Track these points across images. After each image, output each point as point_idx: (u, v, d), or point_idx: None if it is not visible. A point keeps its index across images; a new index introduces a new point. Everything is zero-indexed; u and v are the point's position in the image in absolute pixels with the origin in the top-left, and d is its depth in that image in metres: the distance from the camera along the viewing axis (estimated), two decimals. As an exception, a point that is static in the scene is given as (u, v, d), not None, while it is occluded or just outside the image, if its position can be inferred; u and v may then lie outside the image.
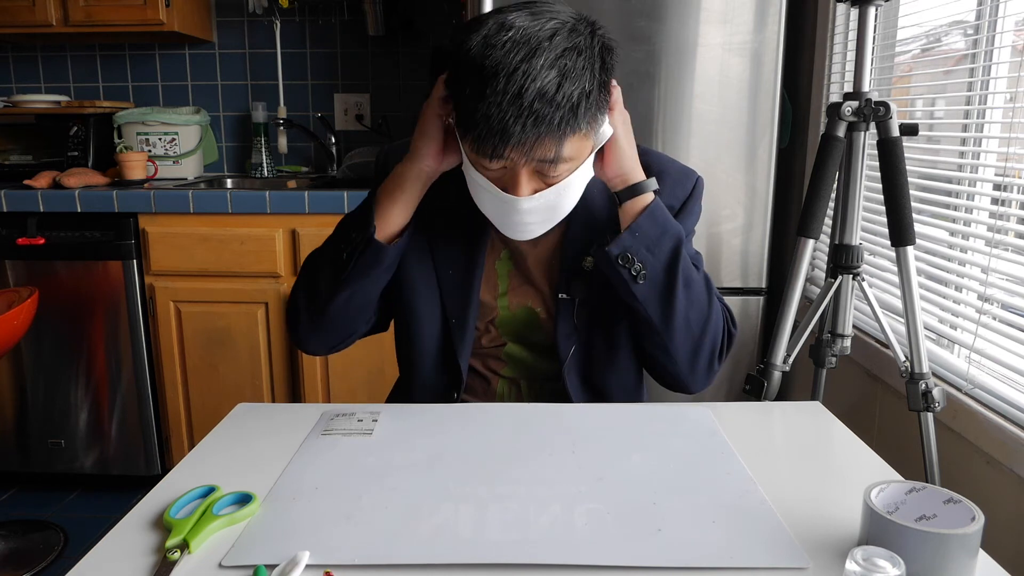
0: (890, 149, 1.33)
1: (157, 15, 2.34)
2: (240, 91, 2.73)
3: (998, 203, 1.40)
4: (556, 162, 0.85)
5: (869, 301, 1.43)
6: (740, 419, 0.97)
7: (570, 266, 1.03)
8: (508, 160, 0.85)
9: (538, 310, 1.06)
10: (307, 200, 2.10)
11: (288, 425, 0.94)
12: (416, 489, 0.77)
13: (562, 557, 0.64)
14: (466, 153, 0.90)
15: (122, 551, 0.67)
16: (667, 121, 1.96)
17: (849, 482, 0.79)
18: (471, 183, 0.93)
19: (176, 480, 0.79)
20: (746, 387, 1.48)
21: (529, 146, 0.82)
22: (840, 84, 1.97)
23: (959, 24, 1.56)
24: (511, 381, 1.10)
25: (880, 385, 1.70)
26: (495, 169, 0.87)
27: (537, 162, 0.85)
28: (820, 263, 2.04)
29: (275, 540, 0.68)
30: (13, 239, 2.16)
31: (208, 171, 2.75)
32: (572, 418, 0.96)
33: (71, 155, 2.43)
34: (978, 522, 0.60)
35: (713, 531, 0.69)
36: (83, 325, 2.22)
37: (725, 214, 2.00)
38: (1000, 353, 1.34)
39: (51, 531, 2.14)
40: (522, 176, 0.86)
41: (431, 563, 0.64)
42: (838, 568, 0.63)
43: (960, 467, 1.40)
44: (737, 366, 2.08)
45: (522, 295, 1.06)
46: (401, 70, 2.69)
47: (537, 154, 0.83)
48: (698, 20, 1.92)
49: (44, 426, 2.30)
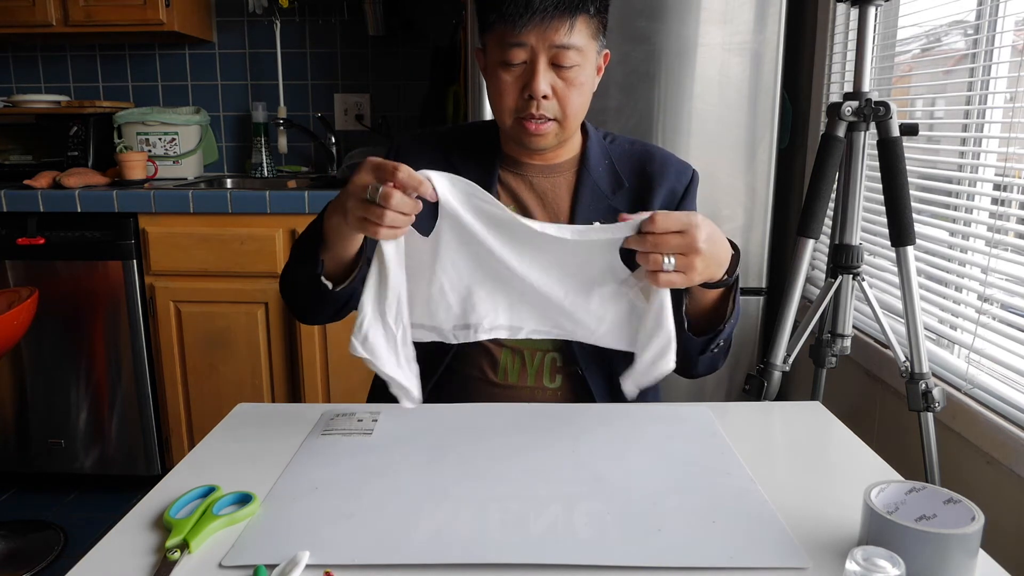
0: (890, 149, 1.34)
1: (157, 15, 2.33)
2: (240, 91, 2.73)
3: (998, 203, 1.40)
4: (568, 48, 0.97)
5: (869, 301, 1.43)
6: (740, 419, 0.97)
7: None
8: (527, 46, 0.97)
9: None
10: (307, 200, 2.10)
11: (288, 425, 0.94)
12: (416, 489, 0.77)
13: (562, 557, 0.64)
14: (492, 54, 1.01)
15: (122, 551, 0.67)
16: (667, 121, 1.96)
17: (849, 482, 0.79)
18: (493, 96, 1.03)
19: (176, 480, 0.79)
20: (746, 387, 1.48)
21: (551, 19, 0.95)
22: (840, 84, 1.97)
23: (959, 24, 1.56)
24: (514, 351, 1.10)
25: (880, 385, 1.70)
26: (516, 64, 0.99)
27: (553, 48, 0.97)
28: (820, 263, 2.04)
29: (275, 540, 0.68)
30: (13, 239, 2.16)
31: (208, 171, 2.75)
32: (572, 418, 0.96)
33: (71, 155, 2.43)
34: (978, 522, 0.60)
35: (713, 531, 0.69)
36: (83, 325, 2.22)
37: (725, 214, 2.00)
38: (1000, 353, 1.34)
39: (51, 531, 2.14)
40: (540, 65, 0.98)
41: (431, 563, 0.64)
42: (838, 568, 0.63)
43: (960, 467, 1.40)
44: (737, 366, 2.07)
45: None
46: (401, 70, 2.69)
47: (560, 32, 0.96)
48: (698, 20, 1.92)
49: (44, 426, 2.30)
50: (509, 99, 1.01)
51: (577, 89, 1.01)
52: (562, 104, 1.01)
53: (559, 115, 1.02)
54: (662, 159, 1.13)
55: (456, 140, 1.16)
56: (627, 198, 1.10)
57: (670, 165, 1.12)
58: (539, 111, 1.00)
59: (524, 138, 1.03)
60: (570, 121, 1.03)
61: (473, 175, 1.04)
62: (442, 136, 1.18)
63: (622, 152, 1.14)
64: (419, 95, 2.63)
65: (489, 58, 1.03)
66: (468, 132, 1.18)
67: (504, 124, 1.05)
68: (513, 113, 1.02)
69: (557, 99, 1.00)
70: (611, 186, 1.10)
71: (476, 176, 1.04)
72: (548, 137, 1.03)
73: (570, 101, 1.01)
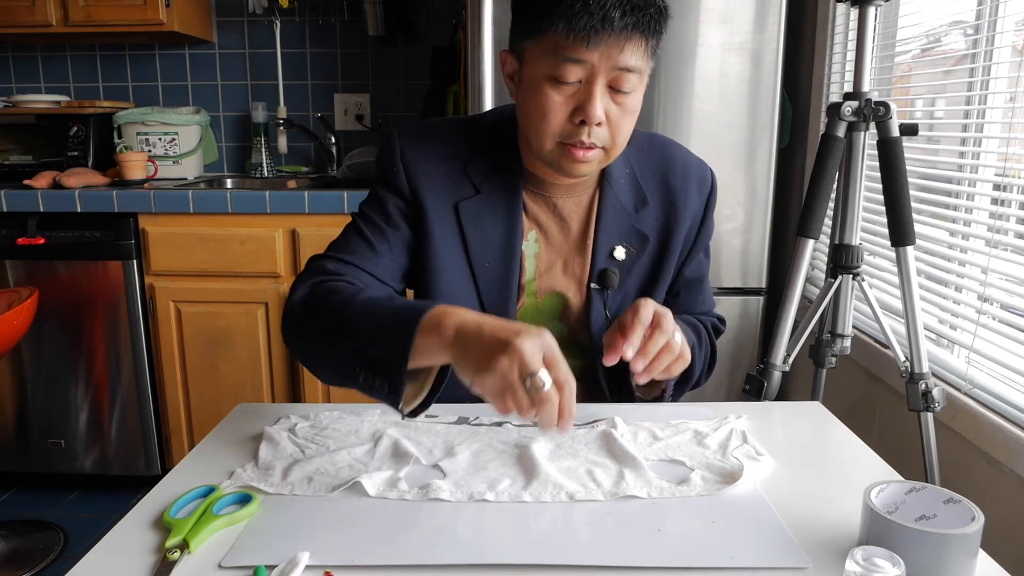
0: (890, 149, 1.33)
1: (157, 15, 2.33)
2: (240, 91, 2.73)
3: (998, 203, 1.40)
4: (631, 71, 0.88)
5: (869, 301, 1.43)
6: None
7: (602, 252, 1.03)
8: (589, 64, 0.86)
9: (568, 295, 1.04)
10: (307, 200, 2.10)
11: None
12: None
13: (562, 557, 0.64)
14: (536, 65, 0.90)
15: (122, 551, 0.67)
16: (667, 121, 1.96)
17: (849, 482, 0.79)
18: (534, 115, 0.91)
19: (176, 480, 0.79)
20: (746, 387, 1.48)
21: (624, 39, 0.85)
22: (840, 84, 1.97)
23: (959, 24, 1.56)
24: None
25: (880, 385, 1.70)
26: (569, 83, 0.88)
27: (615, 70, 0.87)
28: (820, 263, 2.04)
29: (275, 540, 0.68)
30: (13, 239, 2.16)
31: (208, 171, 2.75)
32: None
33: (71, 155, 2.43)
34: (978, 522, 0.60)
35: (713, 531, 0.69)
36: (83, 325, 2.22)
37: (725, 214, 2.00)
38: (999, 353, 1.34)
39: (51, 531, 2.14)
40: (597, 87, 0.88)
41: (431, 563, 0.64)
42: (838, 568, 0.63)
43: (960, 467, 1.40)
44: (737, 366, 2.08)
45: (549, 279, 1.04)
46: (401, 70, 2.69)
47: (627, 52, 0.86)
48: (698, 20, 1.92)
49: (44, 426, 2.30)
50: (555, 121, 0.90)
51: (630, 116, 0.93)
52: (613, 132, 0.92)
53: (608, 143, 0.92)
54: (683, 169, 1.07)
55: (472, 148, 1.03)
56: (651, 218, 1.04)
57: (691, 175, 1.07)
58: (590, 139, 0.90)
59: (566, 164, 0.93)
60: (616, 150, 0.95)
61: (496, 199, 1.01)
62: (451, 134, 1.04)
63: (641, 156, 1.07)
64: (419, 95, 2.63)
65: (531, 68, 0.91)
66: (482, 135, 1.04)
67: (542, 147, 0.93)
68: (557, 137, 0.91)
69: (609, 125, 0.91)
70: (634, 203, 1.04)
71: (500, 201, 1.01)
72: (592, 164, 0.94)
73: (622, 129, 0.92)
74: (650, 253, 1.05)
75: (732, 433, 0.90)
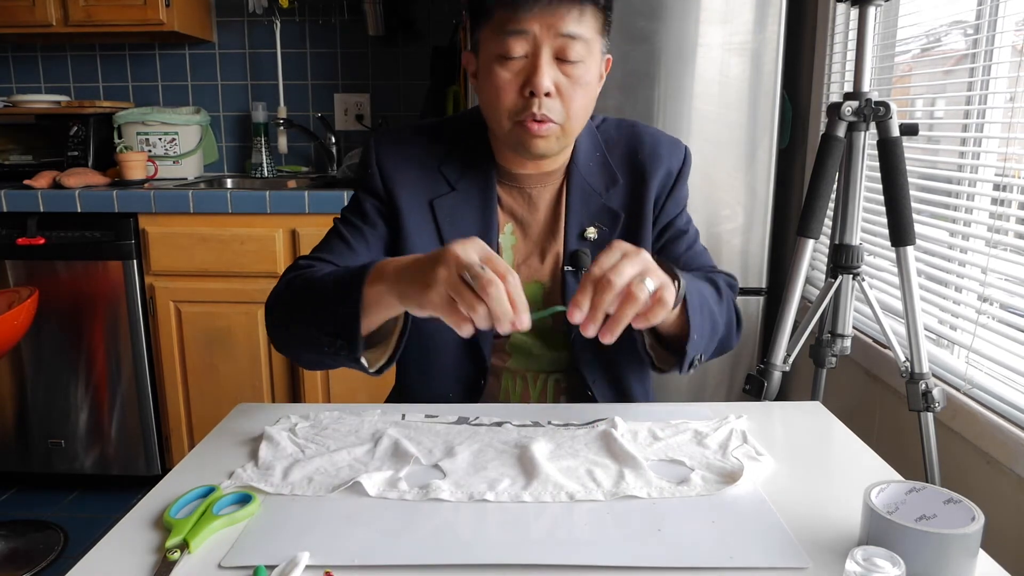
0: (890, 149, 1.34)
1: (157, 15, 2.33)
2: (240, 91, 2.73)
3: (998, 203, 1.40)
4: (576, 38, 0.89)
5: (869, 301, 1.43)
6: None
7: (573, 234, 1.03)
8: (529, 35, 0.89)
9: (544, 282, 1.05)
10: (307, 200, 2.10)
11: (288, 425, 0.93)
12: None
13: (562, 557, 0.64)
14: (487, 49, 0.93)
15: (122, 551, 0.67)
16: (667, 121, 1.96)
17: (849, 482, 0.79)
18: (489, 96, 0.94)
19: (176, 480, 0.79)
20: (746, 387, 1.48)
21: (561, 4, 0.87)
22: (840, 84, 1.97)
23: (959, 24, 1.56)
24: (516, 374, 1.08)
25: (880, 385, 1.70)
26: (515, 58, 0.91)
27: (558, 37, 0.89)
28: (820, 263, 2.04)
29: (275, 540, 0.68)
30: (13, 239, 2.16)
31: (208, 171, 2.75)
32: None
33: (71, 155, 2.43)
34: (978, 522, 0.60)
35: (713, 531, 0.69)
36: (83, 325, 2.22)
37: (725, 214, 2.00)
38: (999, 353, 1.34)
39: (51, 531, 2.14)
40: (543, 57, 0.90)
41: (431, 563, 0.64)
42: (838, 568, 0.63)
43: (960, 467, 1.40)
44: (737, 366, 2.08)
45: (528, 270, 1.05)
46: (401, 70, 2.69)
47: (567, 20, 0.88)
48: (698, 20, 1.92)
49: (44, 426, 2.30)
50: (507, 98, 0.92)
51: (583, 88, 0.93)
52: (566, 104, 0.92)
53: (562, 117, 0.93)
54: (652, 142, 1.07)
55: (446, 147, 1.05)
56: (621, 194, 1.05)
57: (660, 147, 1.07)
58: (541, 110, 0.91)
59: (524, 139, 0.94)
60: (572, 124, 0.95)
61: (471, 195, 1.03)
62: (425, 136, 1.06)
63: (611, 139, 1.08)
64: (419, 95, 2.63)
65: (483, 55, 0.94)
66: (456, 135, 1.07)
67: (501, 128, 0.95)
68: (511, 115, 0.93)
69: (560, 98, 0.92)
70: (604, 183, 1.05)
71: (475, 196, 1.03)
72: (550, 140, 0.94)
73: (575, 102, 0.93)
74: (623, 229, 1.05)
75: (732, 433, 0.90)
